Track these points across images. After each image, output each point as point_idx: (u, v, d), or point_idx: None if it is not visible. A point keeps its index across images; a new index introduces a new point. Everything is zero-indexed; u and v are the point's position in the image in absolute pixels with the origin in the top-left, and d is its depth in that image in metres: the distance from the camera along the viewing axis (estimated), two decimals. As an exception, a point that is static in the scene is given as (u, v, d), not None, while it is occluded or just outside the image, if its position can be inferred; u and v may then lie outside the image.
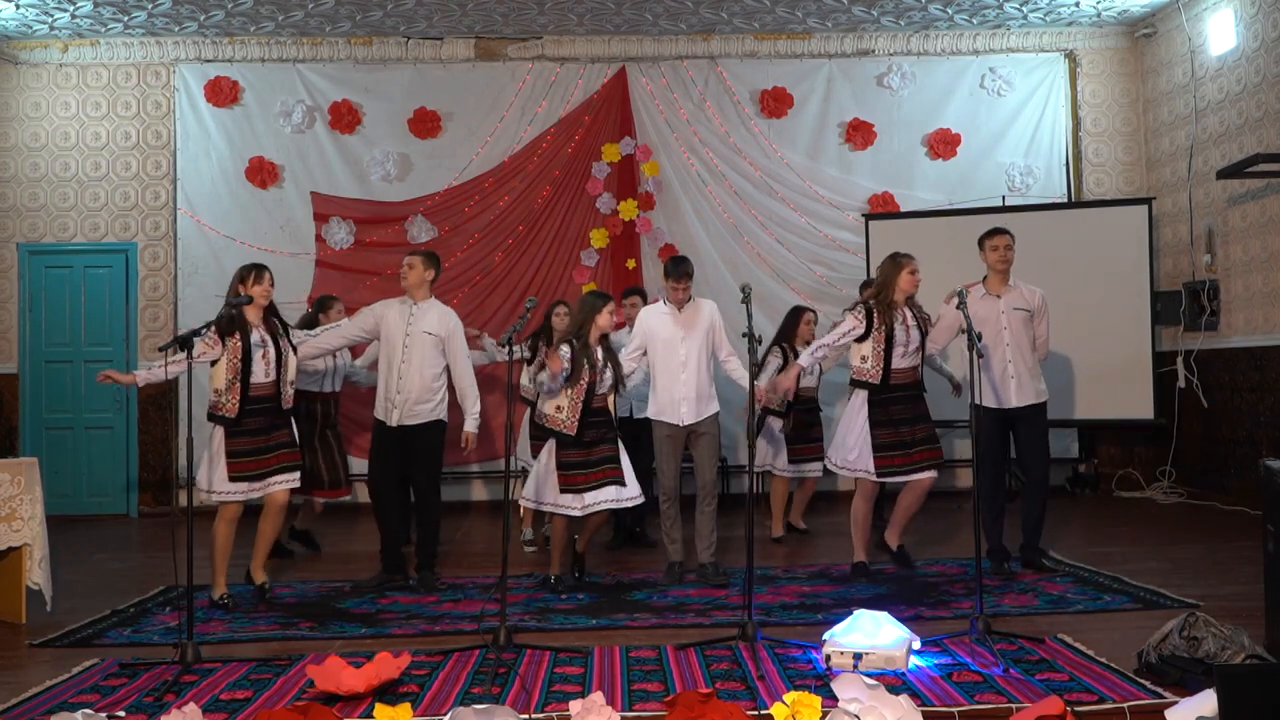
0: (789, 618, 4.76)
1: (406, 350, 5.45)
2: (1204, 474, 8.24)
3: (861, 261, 8.51)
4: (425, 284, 5.56)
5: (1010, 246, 5.56)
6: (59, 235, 8.75)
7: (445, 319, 5.56)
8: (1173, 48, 8.60)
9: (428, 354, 5.47)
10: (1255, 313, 7.66)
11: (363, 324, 5.62)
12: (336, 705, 3.49)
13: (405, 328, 5.48)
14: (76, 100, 8.80)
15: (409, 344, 5.45)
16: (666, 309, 5.66)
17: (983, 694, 3.57)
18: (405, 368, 5.44)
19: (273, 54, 8.80)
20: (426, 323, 5.49)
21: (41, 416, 8.68)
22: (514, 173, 8.80)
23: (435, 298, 5.68)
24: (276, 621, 4.90)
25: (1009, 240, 5.57)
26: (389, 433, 5.51)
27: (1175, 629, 3.70)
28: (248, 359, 5.02)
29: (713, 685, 3.69)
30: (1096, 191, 9.04)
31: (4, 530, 4.81)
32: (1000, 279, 5.61)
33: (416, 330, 5.47)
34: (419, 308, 5.52)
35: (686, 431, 5.63)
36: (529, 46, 8.88)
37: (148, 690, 3.78)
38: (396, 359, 5.47)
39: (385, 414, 5.51)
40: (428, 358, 5.47)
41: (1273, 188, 7.44)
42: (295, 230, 8.74)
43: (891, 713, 3.23)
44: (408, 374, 5.44)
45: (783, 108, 8.93)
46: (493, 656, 4.03)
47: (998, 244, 5.56)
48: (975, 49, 9.03)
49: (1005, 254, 5.55)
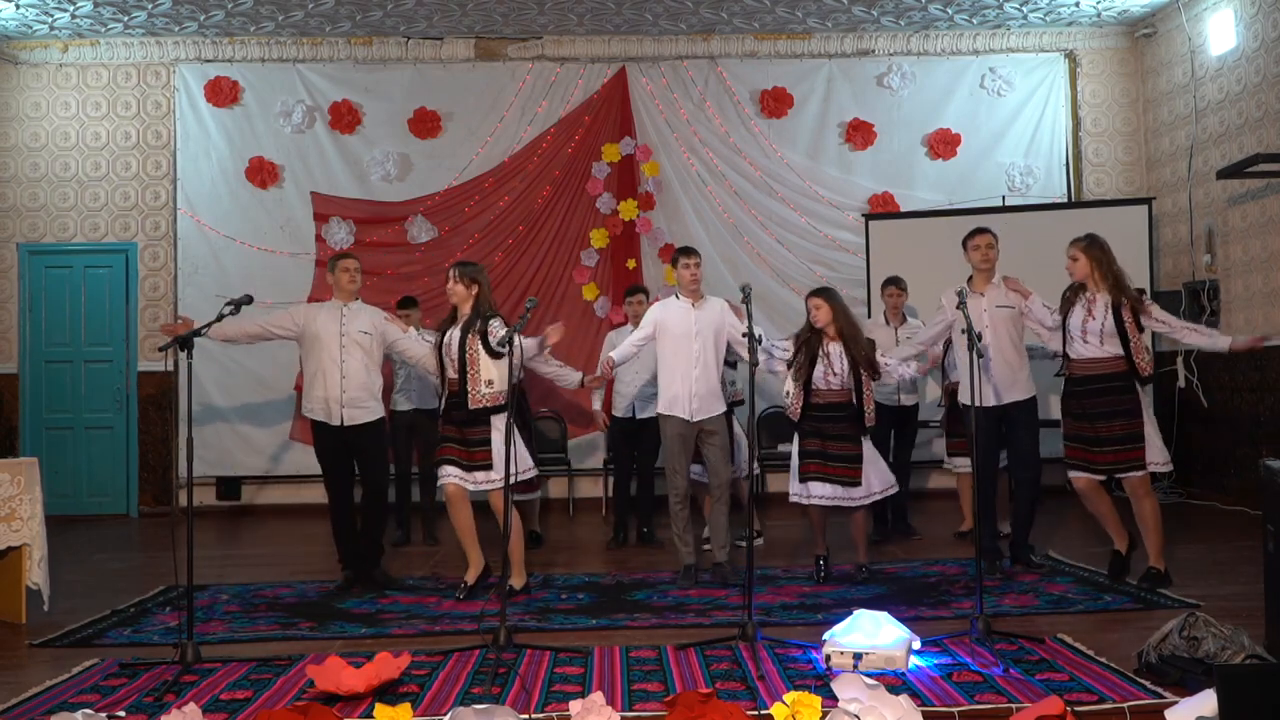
0: (789, 618, 4.76)
1: (345, 350, 5.50)
2: (1204, 474, 8.24)
3: (861, 261, 8.51)
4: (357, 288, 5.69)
5: (992, 246, 5.60)
6: (59, 235, 8.75)
7: (374, 317, 5.65)
8: (1173, 48, 8.60)
9: (366, 353, 5.55)
10: (1255, 313, 7.66)
11: (284, 323, 5.61)
12: (336, 705, 3.49)
13: (339, 329, 5.53)
14: (76, 100, 8.80)
15: (345, 344, 5.51)
16: (680, 303, 5.67)
17: (983, 694, 3.57)
18: (347, 367, 5.50)
19: (273, 54, 8.80)
20: (359, 323, 5.57)
21: (41, 416, 8.68)
22: (514, 173, 8.80)
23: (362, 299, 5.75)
24: (276, 621, 4.90)
25: (990, 239, 5.61)
26: (333, 433, 5.54)
27: (1175, 629, 3.69)
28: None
29: (713, 685, 3.68)
30: (1096, 191, 9.04)
31: (4, 530, 4.81)
32: (984, 278, 5.65)
33: (351, 330, 5.53)
34: (349, 309, 5.60)
35: (696, 430, 5.62)
36: (529, 46, 8.88)
37: (148, 690, 3.78)
38: (336, 359, 5.50)
39: (327, 414, 5.53)
40: (367, 356, 5.56)
41: (1273, 188, 7.44)
42: (295, 230, 8.74)
43: (891, 713, 3.23)
44: (350, 373, 5.50)
45: (783, 108, 8.93)
46: (493, 656, 4.03)
47: (979, 243, 5.61)
48: (975, 49, 9.03)
49: (987, 253, 5.59)
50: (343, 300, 5.60)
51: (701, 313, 5.61)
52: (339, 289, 5.61)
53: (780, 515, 7.62)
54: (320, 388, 5.51)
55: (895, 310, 6.94)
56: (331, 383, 5.48)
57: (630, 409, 6.90)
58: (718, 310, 5.66)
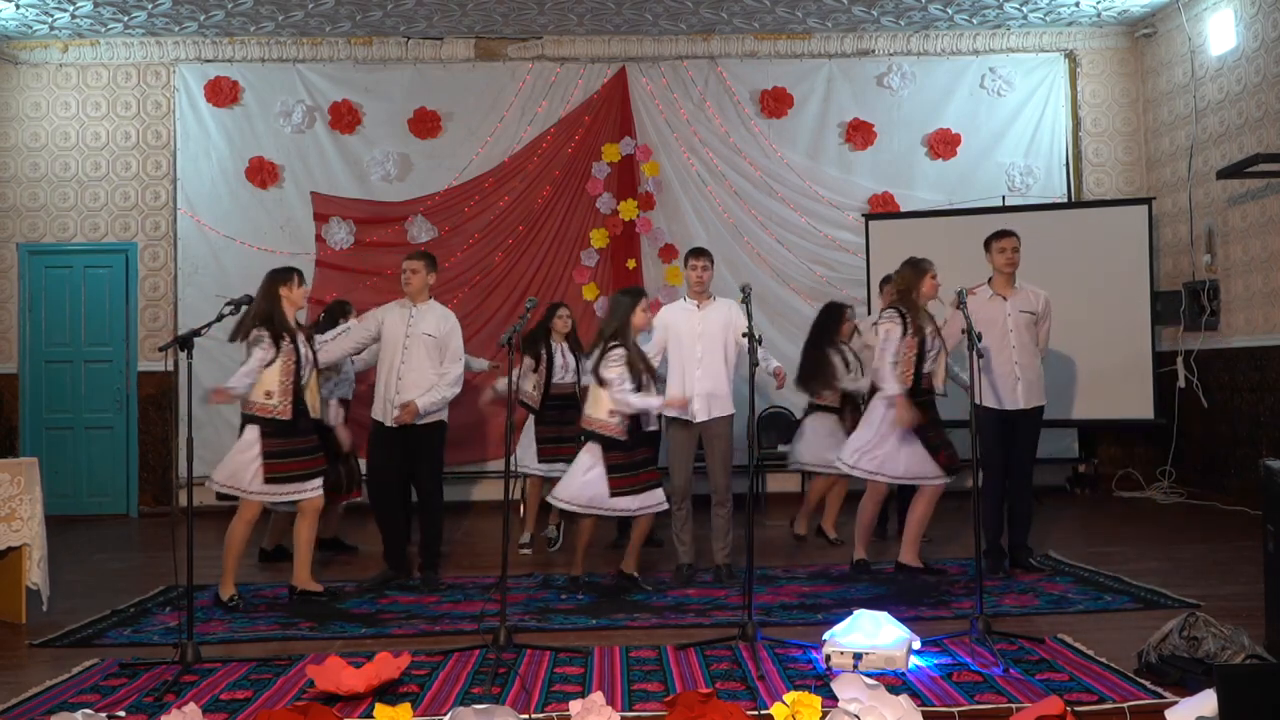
0: (789, 618, 4.76)
1: (406, 351, 5.47)
2: (1204, 474, 8.24)
3: (861, 261, 8.51)
4: (426, 287, 5.62)
5: (1017, 249, 5.57)
6: (59, 235, 8.75)
7: (444, 320, 5.60)
8: (1173, 48, 8.60)
9: (427, 355, 5.50)
10: (1255, 313, 7.66)
11: (368, 328, 5.67)
12: (336, 705, 3.49)
13: (405, 329, 5.51)
14: (76, 100, 8.80)
15: (409, 345, 5.48)
16: (688, 305, 5.67)
17: (983, 694, 3.57)
18: (405, 369, 5.47)
19: (273, 54, 8.80)
20: (426, 324, 5.53)
21: (41, 416, 8.68)
22: (514, 173, 8.80)
23: (434, 299, 5.71)
24: (276, 621, 4.90)
25: (1016, 243, 5.57)
26: (389, 433, 5.52)
27: (1175, 629, 3.70)
28: (299, 363, 5.09)
29: (713, 685, 3.68)
30: (1096, 191, 9.04)
31: (4, 530, 4.81)
32: (1006, 280, 5.61)
33: (416, 332, 5.50)
34: (418, 309, 5.56)
35: (699, 431, 5.62)
36: (529, 46, 8.88)
37: (148, 690, 3.78)
38: (396, 360, 5.49)
39: (384, 414, 5.52)
40: (427, 359, 5.50)
41: (1273, 188, 7.44)
42: (295, 230, 8.74)
43: (891, 713, 3.23)
44: (407, 375, 5.46)
45: (783, 108, 8.93)
46: (493, 656, 4.03)
47: (1005, 246, 5.57)
48: (975, 49, 9.03)
49: (1012, 256, 5.56)
50: (413, 301, 5.59)
51: (707, 314, 5.61)
52: (408, 292, 5.61)
53: (780, 515, 7.62)
54: (381, 387, 5.55)
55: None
56: (390, 383, 5.50)
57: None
58: (725, 310, 5.64)
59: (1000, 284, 5.62)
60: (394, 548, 5.64)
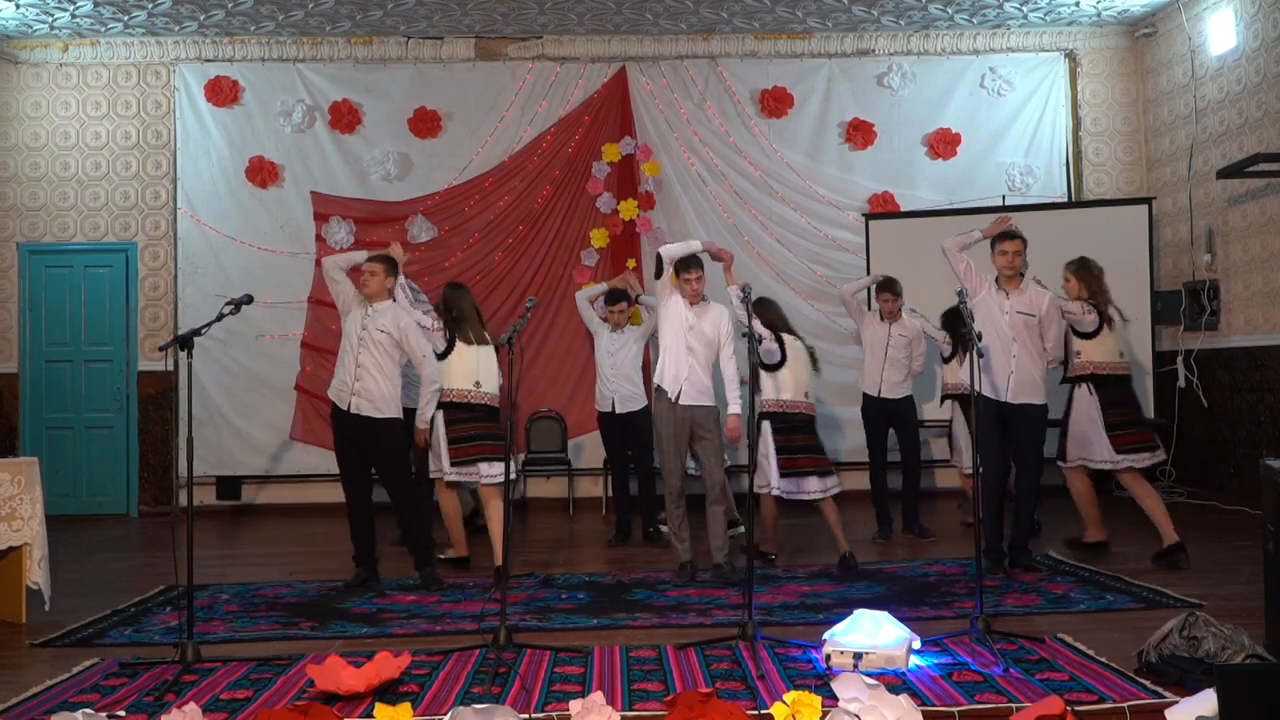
0: (789, 617, 4.76)
1: (362, 346, 5.55)
2: (1204, 474, 8.24)
3: (862, 261, 8.51)
4: (385, 290, 5.68)
5: (1019, 253, 5.57)
6: (59, 235, 8.75)
7: (399, 318, 5.64)
8: (1173, 47, 8.60)
9: (385, 353, 5.57)
10: (1255, 313, 7.66)
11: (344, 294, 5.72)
12: (336, 705, 3.49)
13: (360, 328, 5.58)
14: (76, 100, 8.80)
15: (364, 341, 5.55)
16: (682, 302, 5.70)
17: (983, 694, 3.57)
18: (360, 370, 5.54)
19: (273, 54, 8.80)
20: (381, 322, 5.60)
21: (41, 416, 8.68)
22: (514, 172, 8.80)
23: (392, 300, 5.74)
24: (277, 621, 4.90)
25: (1019, 246, 5.57)
26: (347, 421, 5.56)
27: (1175, 629, 3.70)
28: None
29: (713, 685, 3.69)
30: (1096, 191, 9.04)
31: (4, 530, 4.81)
32: (1010, 282, 5.62)
33: (372, 329, 5.58)
34: (375, 309, 5.64)
35: (688, 426, 5.63)
36: (529, 46, 8.87)
37: (148, 690, 3.78)
38: (353, 354, 5.57)
39: (340, 398, 5.57)
40: (386, 356, 5.58)
41: (1273, 188, 7.44)
42: (295, 230, 8.74)
43: (891, 713, 3.24)
44: (364, 375, 5.53)
45: (783, 107, 8.93)
46: (493, 656, 4.03)
47: (1006, 249, 5.57)
48: (975, 49, 9.03)
49: (1013, 259, 5.56)
50: (370, 302, 5.65)
51: (698, 319, 5.65)
52: (366, 294, 5.67)
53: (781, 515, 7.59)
54: (340, 370, 5.63)
55: (891, 312, 6.93)
56: (349, 368, 5.57)
57: (610, 404, 6.99)
58: (714, 318, 5.70)
59: (1005, 279, 5.64)
60: (361, 546, 5.65)
